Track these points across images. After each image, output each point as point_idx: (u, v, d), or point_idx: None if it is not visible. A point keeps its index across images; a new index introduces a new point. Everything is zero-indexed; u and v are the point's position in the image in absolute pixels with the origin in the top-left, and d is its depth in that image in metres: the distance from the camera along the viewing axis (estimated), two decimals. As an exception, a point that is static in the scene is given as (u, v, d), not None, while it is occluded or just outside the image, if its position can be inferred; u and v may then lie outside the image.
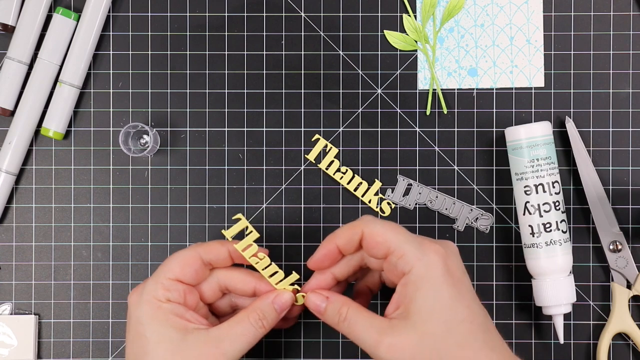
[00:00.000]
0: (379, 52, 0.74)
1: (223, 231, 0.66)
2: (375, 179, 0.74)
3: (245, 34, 0.75)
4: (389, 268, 0.64)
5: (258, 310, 0.65)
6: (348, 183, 0.74)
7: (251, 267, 0.68)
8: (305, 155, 0.74)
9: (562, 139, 0.74)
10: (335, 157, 0.74)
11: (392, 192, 0.74)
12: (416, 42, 0.74)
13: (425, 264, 0.62)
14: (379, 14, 0.75)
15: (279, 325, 0.69)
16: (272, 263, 0.67)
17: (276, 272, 0.67)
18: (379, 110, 0.74)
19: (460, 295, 0.62)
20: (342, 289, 0.69)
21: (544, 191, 0.70)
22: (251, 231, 0.66)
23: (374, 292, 0.70)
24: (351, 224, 0.65)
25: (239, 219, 0.67)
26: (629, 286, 0.73)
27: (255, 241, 0.67)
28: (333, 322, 0.64)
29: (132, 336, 0.64)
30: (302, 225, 0.74)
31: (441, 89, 0.74)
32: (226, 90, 0.75)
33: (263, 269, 0.67)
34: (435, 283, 0.61)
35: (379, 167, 0.74)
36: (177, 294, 0.65)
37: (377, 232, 0.63)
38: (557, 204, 0.70)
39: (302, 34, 0.75)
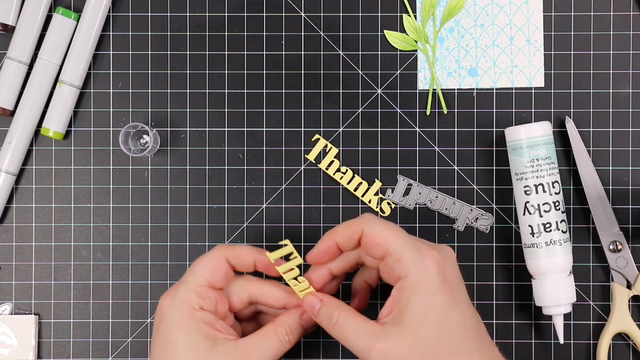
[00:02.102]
0: (379, 52, 0.74)
1: (267, 253, 0.66)
2: (375, 179, 0.74)
3: (245, 34, 0.75)
4: (385, 269, 0.64)
5: (286, 325, 0.65)
6: (348, 183, 0.74)
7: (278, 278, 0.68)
8: (305, 155, 0.74)
9: (562, 139, 0.74)
10: (335, 157, 0.74)
11: (392, 192, 0.74)
12: (416, 42, 0.74)
13: (422, 270, 0.62)
14: (379, 14, 0.75)
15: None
16: (310, 287, 0.66)
17: (302, 282, 0.67)
18: (379, 110, 0.74)
19: (455, 302, 0.62)
20: (340, 281, 0.69)
21: (544, 191, 0.70)
22: (295, 256, 0.66)
23: (372, 286, 0.70)
24: (351, 222, 0.65)
25: (285, 245, 0.66)
26: (629, 286, 0.73)
27: (284, 255, 0.66)
28: (325, 325, 0.64)
29: (160, 340, 0.64)
30: (302, 225, 0.74)
31: (441, 89, 0.74)
32: (226, 90, 0.75)
33: (300, 292, 0.67)
34: (430, 290, 0.61)
35: (379, 167, 0.74)
36: (209, 302, 0.65)
37: (377, 232, 0.63)
38: (557, 204, 0.70)
39: (302, 34, 0.75)
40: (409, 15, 0.74)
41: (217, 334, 0.64)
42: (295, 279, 0.66)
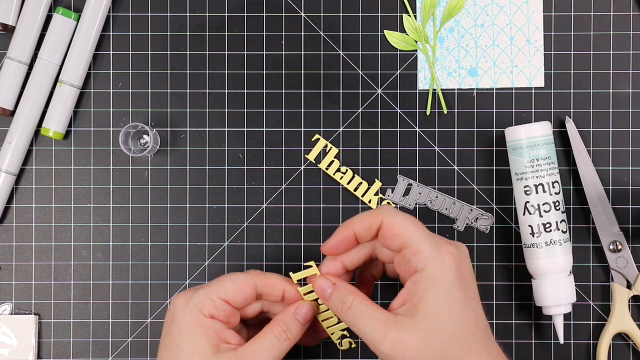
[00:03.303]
0: (379, 52, 0.74)
1: (291, 274, 0.66)
2: (375, 179, 0.74)
3: (245, 34, 0.75)
4: (401, 262, 0.64)
5: (281, 322, 0.65)
6: (348, 183, 0.74)
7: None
8: (305, 155, 0.74)
9: (562, 139, 0.74)
10: (335, 157, 0.74)
11: (392, 192, 0.74)
12: (416, 42, 0.74)
13: (440, 265, 0.62)
14: (379, 14, 0.75)
15: (307, 342, 0.69)
16: (329, 309, 0.67)
17: (331, 317, 0.68)
18: (379, 110, 0.74)
19: (468, 298, 0.62)
20: (350, 277, 0.69)
21: (544, 191, 0.70)
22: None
23: (376, 279, 0.70)
24: (370, 212, 0.64)
25: (310, 266, 0.66)
26: (629, 286, 0.73)
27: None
28: (337, 309, 0.64)
29: (168, 341, 0.64)
30: (302, 225, 0.74)
31: (441, 89, 0.74)
32: (226, 90, 0.75)
33: (319, 313, 0.68)
34: (447, 285, 0.61)
35: (379, 167, 0.74)
36: (223, 314, 0.65)
37: (396, 224, 0.63)
38: (557, 204, 0.70)
39: (302, 34, 0.75)
40: (409, 15, 0.74)
41: (221, 342, 0.64)
42: (316, 300, 0.67)
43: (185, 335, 0.64)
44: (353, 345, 0.72)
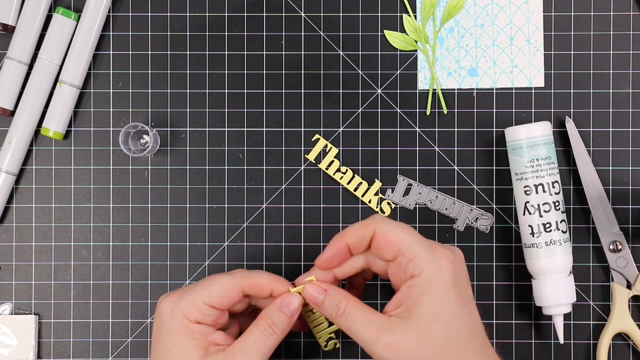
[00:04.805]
0: (379, 52, 0.74)
1: (291, 288, 0.66)
2: (375, 179, 0.74)
3: (245, 34, 0.75)
4: (396, 271, 0.63)
5: (266, 317, 0.65)
6: (348, 183, 0.74)
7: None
8: (305, 155, 0.74)
9: (562, 139, 0.74)
10: (335, 157, 0.74)
11: (392, 192, 0.74)
12: (416, 42, 0.74)
13: (436, 269, 0.62)
14: (379, 14, 0.75)
15: (298, 328, 0.69)
16: (322, 316, 0.68)
17: (321, 324, 0.68)
18: (379, 110, 0.74)
19: (464, 302, 0.62)
20: (338, 284, 0.68)
21: (544, 191, 0.70)
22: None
23: (367, 279, 0.69)
24: (362, 223, 0.64)
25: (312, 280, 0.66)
26: (629, 286, 0.73)
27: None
28: (331, 315, 0.64)
29: (158, 346, 0.64)
30: (302, 225, 0.74)
31: (441, 89, 0.74)
32: (226, 90, 0.75)
33: (311, 321, 0.68)
34: (443, 289, 0.61)
35: (379, 167, 0.74)
36: (209, 318, 0.64)
37: (389, 232, 0.63)
38: (557, 204, 0.70)
39: (302, 34, 0.75)
40: (409, 15, 0.74)
41: (210, 345, 0.64)
42: (312, 311, 0.67)
43: (174, 341, 0.63)
44: (337, 346, 0.72)
